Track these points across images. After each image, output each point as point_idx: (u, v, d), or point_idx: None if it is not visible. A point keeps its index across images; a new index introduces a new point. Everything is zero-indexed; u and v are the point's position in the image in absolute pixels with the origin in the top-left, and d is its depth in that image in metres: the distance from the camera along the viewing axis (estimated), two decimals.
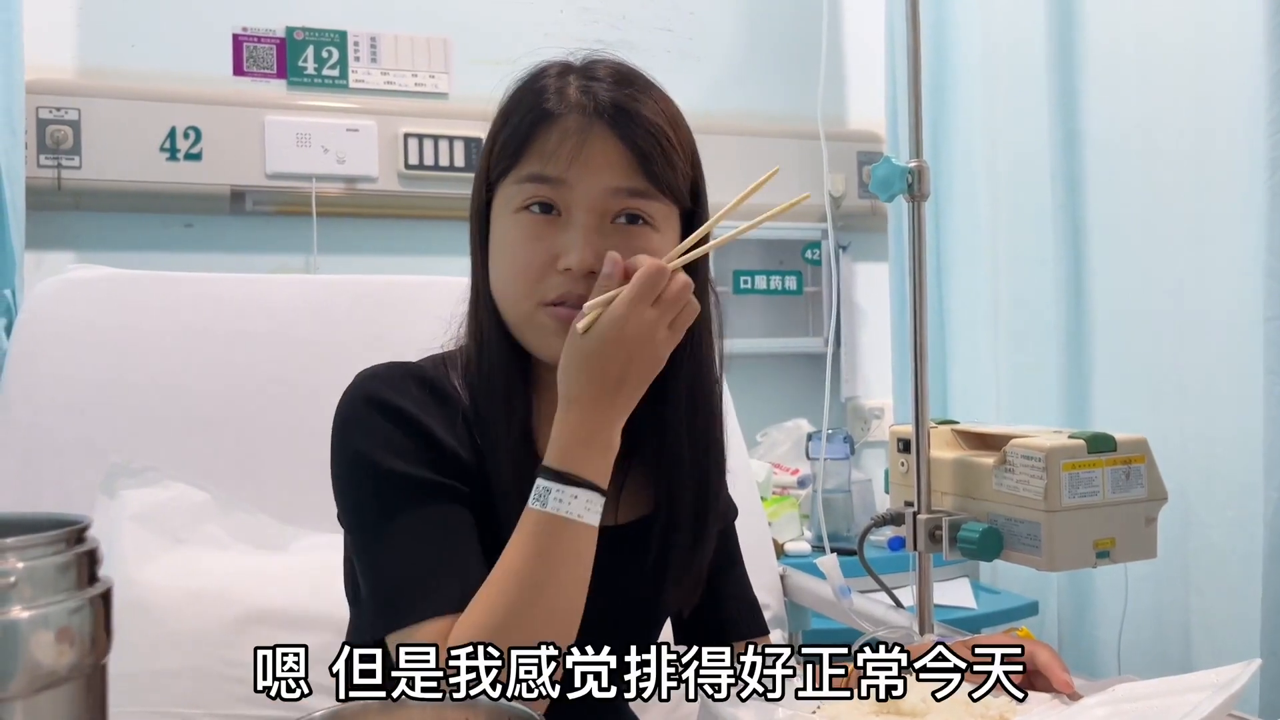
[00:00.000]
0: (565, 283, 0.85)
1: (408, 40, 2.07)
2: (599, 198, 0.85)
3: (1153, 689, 0.77)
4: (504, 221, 0.88)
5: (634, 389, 0.82)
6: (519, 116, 0.87)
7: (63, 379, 1.38)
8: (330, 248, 1.98)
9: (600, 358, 0.80)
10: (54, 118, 1.81)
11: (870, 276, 2.35)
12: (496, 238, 0.89)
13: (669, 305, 0.81)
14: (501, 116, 0.90)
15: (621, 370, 0.80)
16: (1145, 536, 1.07)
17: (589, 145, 0.84)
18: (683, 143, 0.89)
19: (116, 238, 1.89)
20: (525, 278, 0.86)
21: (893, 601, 1.29)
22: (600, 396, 0.81)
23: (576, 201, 0.85)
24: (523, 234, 0.86)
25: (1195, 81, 1.54)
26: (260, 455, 1.41)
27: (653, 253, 0.84)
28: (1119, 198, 1.68)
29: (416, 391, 0.89)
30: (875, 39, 2.18)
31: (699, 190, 0.92)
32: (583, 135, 0.84)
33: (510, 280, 0.87)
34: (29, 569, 0.44)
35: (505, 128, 0.89)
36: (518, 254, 0.86)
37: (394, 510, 0.84)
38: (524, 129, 0.86)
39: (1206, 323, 1.52)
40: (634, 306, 0.79)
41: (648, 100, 0.87)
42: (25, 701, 0.44)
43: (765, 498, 1.96)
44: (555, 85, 0.87)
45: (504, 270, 0.88)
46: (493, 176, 0.89)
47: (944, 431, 1.19)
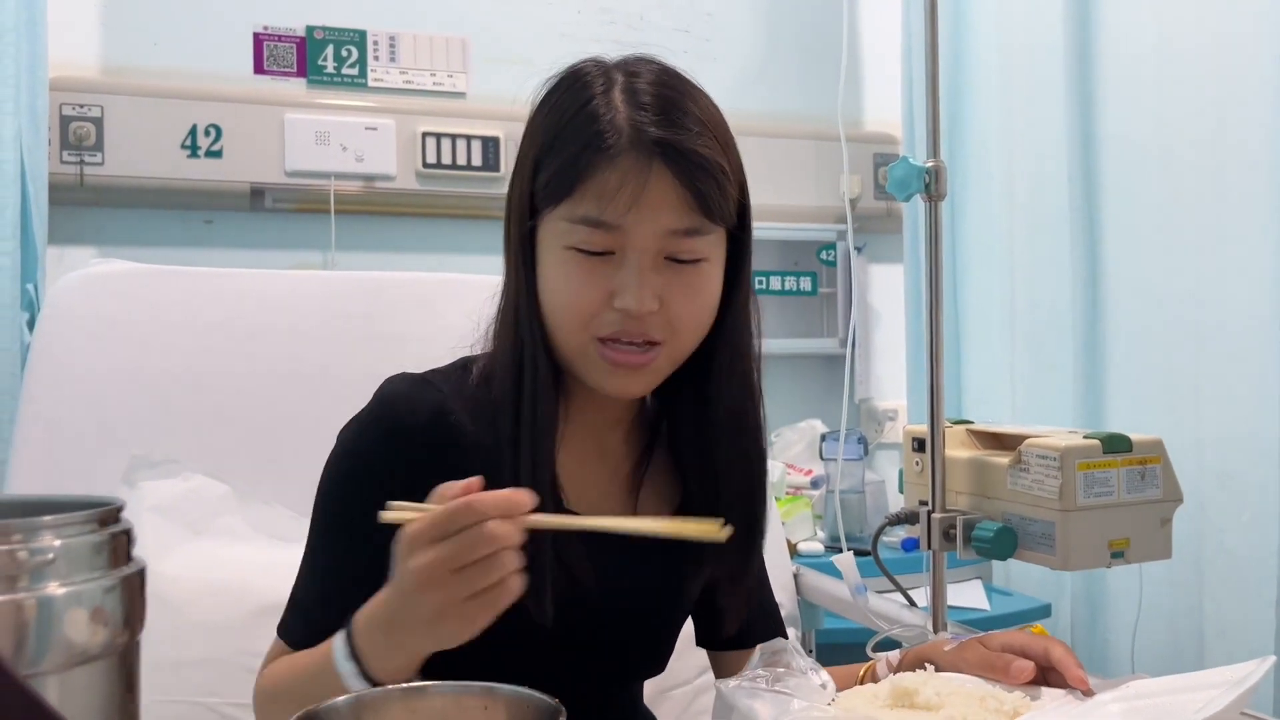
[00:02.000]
0: (620, 320, 0.83)
1: (426, 40, 2.09)
2: (655, 239, 0.83)
3: (1166, 685, 0.78)
4: (555, 255, 0.85)
5: (410, 640, 0.74)
6: (571, 146, 0.83)
7: (84, 372, 1.40)
8: (348, 245, 1.99)
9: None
10: (77, 115, 1.83)
11: (885, 278, 2.35)
12: (547, 268, 0.86)
13: (460, 548, 0.69)
14: (547, 133, 0.86)
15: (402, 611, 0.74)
16: (1160, 537, 1.07)
17: (648, 189, 0.81)
18: (734, 168, 0.88)
19: (138, 234, 1.91)
20: (579, 314, 0.84)
21: (907, 601, 1.29)
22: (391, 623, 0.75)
23: (632, 244, 0.83)
24: (576, 270, 0.84)
25: (1213, 84, 1.54)
26: (279, 449, 1.43)
27: (705, 286, 0.86)
28: (1136, 199, 1.68)
29: (422, 436, 0.87)
30: (892, 40, 2.18)
31: (745, 208, 0.91)
32: (641, 178, 0.81)
33: (563, 313, 0.85)
34: (65, 547, 0.45)
35: (554, 153, 0.85)
36: (570, 289, 0.84)
37: (318, 530, 0.91)
38: (579, 165, 0.82)
39: (1223, 325, 1.52)
40: (412, 541, 0.71)
41: (703, 131, 0.85)
42: (59, 676, 0.45)
43: (779, 498, 1.97)
44: (605, 108, 0.83)
45: (556, 303, 0.86)
46: (539, 202, 0.86)
47: (959, 431, 1.19)
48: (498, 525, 0.68)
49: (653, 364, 0.86)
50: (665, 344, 0.86)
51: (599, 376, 0.86)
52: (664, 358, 0.86)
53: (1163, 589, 1.56)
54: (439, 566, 0.69)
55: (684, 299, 0.85)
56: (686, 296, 0.85)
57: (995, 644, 0.86)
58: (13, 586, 0.44)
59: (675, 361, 0.88)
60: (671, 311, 0.84)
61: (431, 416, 0.88)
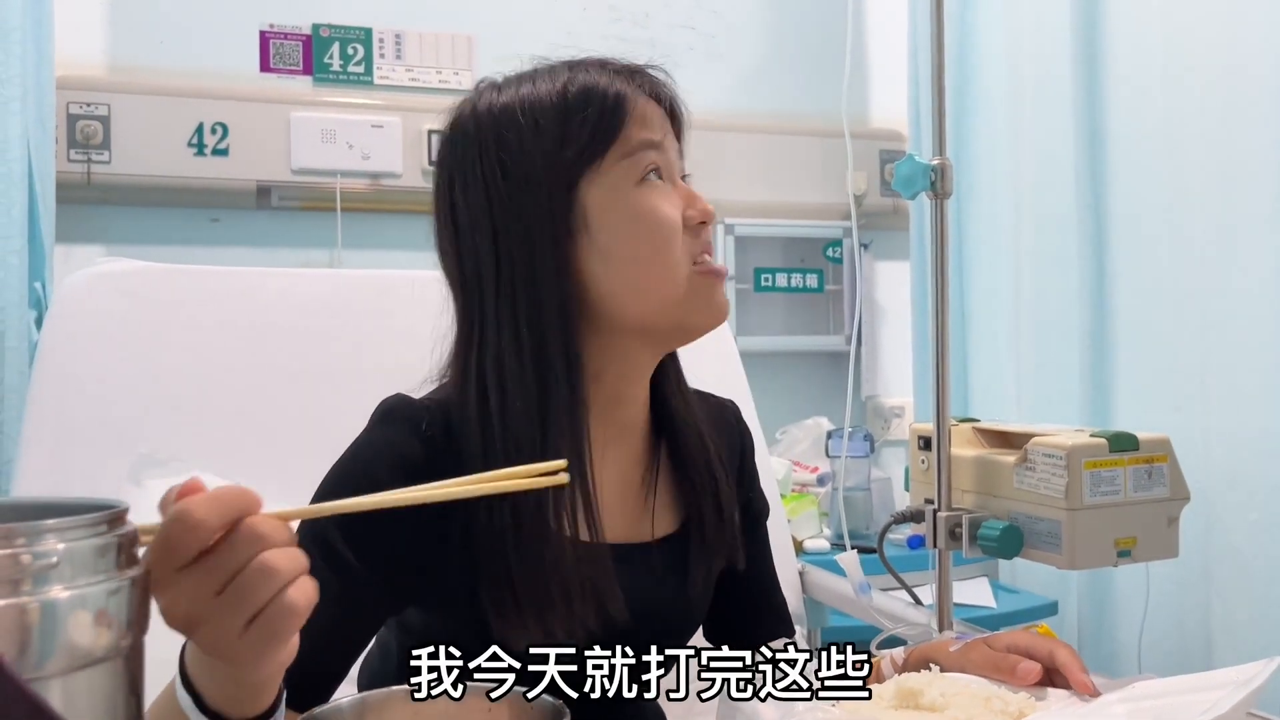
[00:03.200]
0: (701, 231, 0.88)
1: (432, 38, 2.09)
2: (677, 156, 0.90)
3: (1172, 686, 0.77)
4: (627, 198, 0.84)
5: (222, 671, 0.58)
6: (591, 102, 0.84)
7: (92, 370, 1.40)
8: (354, 243, 2.00)
9: None
10: (84, 113, 1.83)
11: (891, 275, 2.35)
12: (619, 222, 0.84)
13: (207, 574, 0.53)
14: (547, 115, 0.84)
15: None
16: (1167, 536, 1.07)
17: (662, 110, 0.88)
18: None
19: (145, 232, 1.91)
20: (677, 243, 0.85)
21: (912, 599, 1.29)
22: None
23: (670, 159, 0.88)
24: (662, 199, 0.85)
25: (1221, 81, 1.53)
26: (284, 447, 1.43)
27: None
28: (1143, 197, 1.67)
29: (434, 443, 0.83)
30: (898, 36, 2.18)
31: None
32: (660, 99, 0.88)
33: (669, 245, 0.85)
34: (69, 550, 0.46)
35: (572, 116, 0.83)
36: (665, 221, 0.85)
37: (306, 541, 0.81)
38: (610, 105, 0.84)
39: (1230, 323, 1.51)
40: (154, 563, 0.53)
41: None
42: (63, 680, 0.45)
43: (784, 495, 1.96)
44: (584, 71, 0.87)
45: (656, 240, 0.84)
46: (577, 169, 0.83)
47: (965, 429, 1.19)
48: (239, 539, 0.53)
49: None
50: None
51: (708, 304, 0.87)
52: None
53: (1170, 588, 1.56)
54: (193, 600, 0.52)
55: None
56: None
57: (1000, 645, 0.86)
58: (16, 590, 0.44)
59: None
60: None
61: (443, 428, 0.83)
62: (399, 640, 0.93)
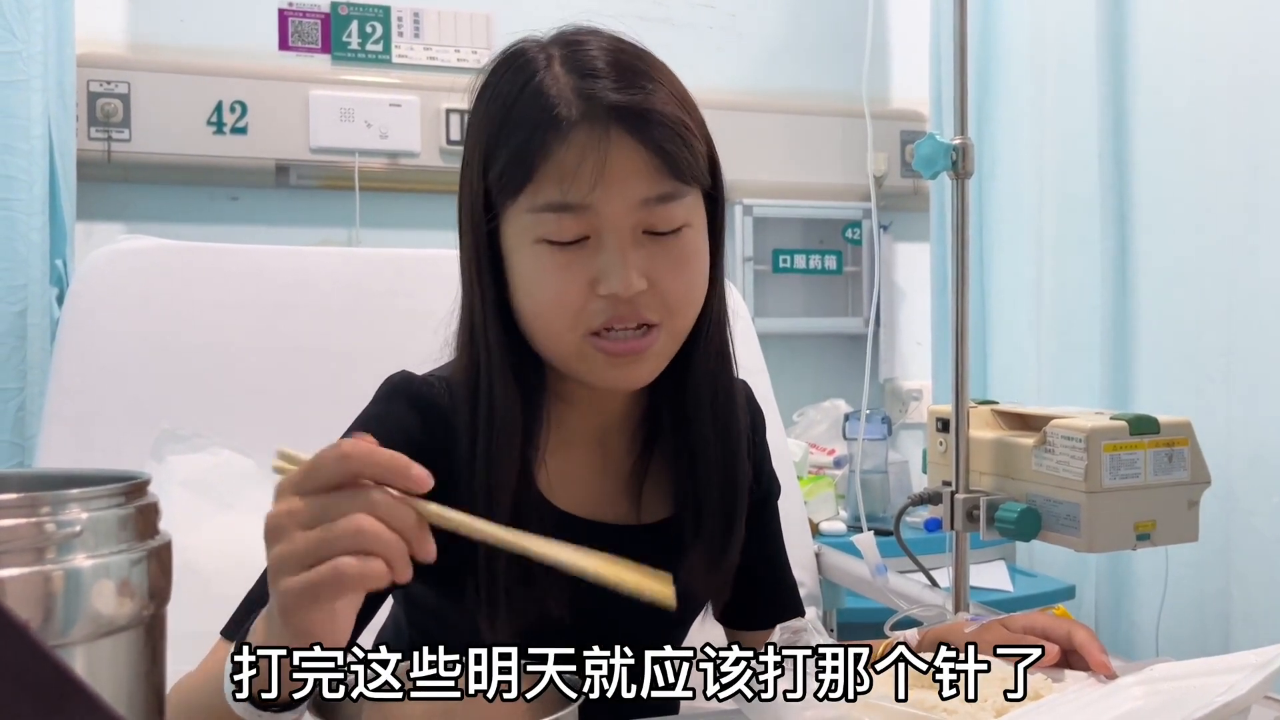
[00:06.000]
0: (609, 307, 0.77)
1: (450, 16, 2.08)
2: (629, 213, 0.76)
3: (1189, 669, 0.77)
4: (523, 253, 0.78)
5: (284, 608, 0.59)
6: (521, 130, 0.76)
7: (113, 347, 1.41)
8: (372, 222, 2.00)
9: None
10: (104, 91, 1.84)
11: (910, 257, 2.34)
12: (519, 270, 0.79)
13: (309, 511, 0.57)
14: (491, 122, 0.80)
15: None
16: (1187, 519, 1.06)
17: (611, 160, 0.75)
18: (697, 123, 0.81)
19: (164, 210, 1.92)
20: (565, 311, 0.77)
21: (929, 581, 1.29)
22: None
23: (605, 223, 0.76)
24: (551, 263, 0.77)
25: (1248, 61, 1.51)
26: (303, 424, 1.43)
27: (693, 254, 0.80)
28: (1168, 178, 1.65)
29: (442, 418, 0.83)
30: (920, 15, 2.16)
31: (715, 163, 0.84)
32: (601, 149, 0.74)
33: (547, 315, 0.79)
34: (92, 520, 0.46)
35: (503, 141, 0.78)
36: (549, 286, 0.77)
37: None
38: (532, 147, 0.75)
39: (1253, 307, 1.50)
40: (279, 491, 0.60)
41: (658, 89, 0.78)
42: (86, 647, 0.46)
43: (801, 477, 1.96)
44: (550, 83, 0.77)
45: (537, 305, 0.79)
46: (495, 197, 0.79)
47: (983, 411, 1.18)
48: (359, 493, 0.57)
49: (653, 347, 0.80)
50: (662, 324, 0.80)
51: (600, 372, 0.80)
52: (665, 338, 0.81)
53: (1189, 572, 1.55)
54: (285, 519, 0.57)
55: (673, 272, 0.79)
56: (675, 269, 0.79)
57: (1017, 626, 0.86)
58: (40, 558, 0.44)
59: (678, 339, 0.83)
60: (662, 288, 0.78)
61: (444, 402, 0.85)
62: (408, 615, 0.94)
